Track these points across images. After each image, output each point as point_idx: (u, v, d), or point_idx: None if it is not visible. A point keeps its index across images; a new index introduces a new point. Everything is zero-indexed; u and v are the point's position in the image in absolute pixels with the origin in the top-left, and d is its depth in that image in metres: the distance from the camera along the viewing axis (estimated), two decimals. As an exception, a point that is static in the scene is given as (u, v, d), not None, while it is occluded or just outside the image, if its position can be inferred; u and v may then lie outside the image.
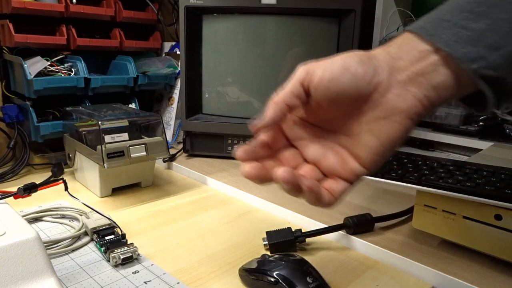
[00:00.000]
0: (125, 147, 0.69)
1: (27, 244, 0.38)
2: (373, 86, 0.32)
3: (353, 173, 0.35)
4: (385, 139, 0.33)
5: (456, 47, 0.30)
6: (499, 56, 0.29)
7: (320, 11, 0.84)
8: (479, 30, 0.29)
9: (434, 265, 0.50)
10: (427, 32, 0.31)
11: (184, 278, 0.48)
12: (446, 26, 0.31)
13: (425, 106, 0.32)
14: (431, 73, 0.31)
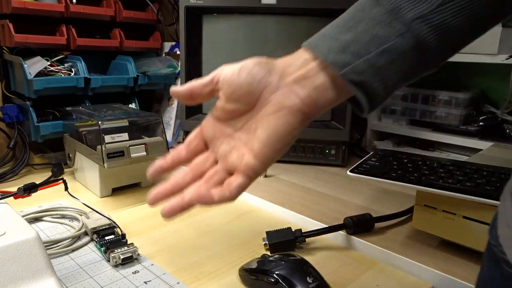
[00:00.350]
0: (125, 147, 0.69)
1: (27, 244, 0.38)
2: (263, 84, 0.38)
3: (248, 166, 0.39)
4: (272, 132, 0.38)
5: (329, 55, 0.36)
6: (362, 63, 0.34)
7: (320, 11, 0.84)
8: (346, 41, 0.35)
9: (434, 265, 0.50)
10: (311, 45, 0.38)
11: (184, 278, 0.48)
12: (324, 39, 0.37)
13: (307, 104, 0.37)
14: (312, 76, 0.37)
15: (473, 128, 0.93)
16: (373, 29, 0.34)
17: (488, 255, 0.32)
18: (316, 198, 0.72)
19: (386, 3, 0.34)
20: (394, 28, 0.34)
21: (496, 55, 0.82)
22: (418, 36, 0.33)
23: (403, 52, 0.34)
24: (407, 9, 0.33)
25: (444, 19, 0.33)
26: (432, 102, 0.98)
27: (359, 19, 0.35)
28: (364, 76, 0.35)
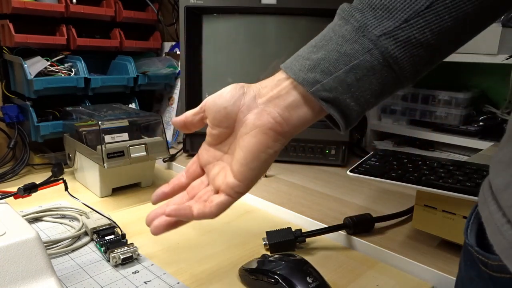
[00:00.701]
0: (125, 147, 0.69)
1: (27, 244, 0.38)
2: (237, 106, 0.40)
3: (228, 185, 0.40)
4: (247, 151, 0.39)
5: (299, 73, 0.37)
6: (331, 80, 0.35)
7: (320, 11, 0.84)
8: (316, 59, 0.36)
9: (434, 265, 0.50)
10: (286, 66, 0.39)
11: (184, 278, 0.48)
12: (298, 59, 0.38)
13: (279, 122, 0.38)
14: (284, 95, 0.38)
15: (473, 128, 0.93)
16: (342, 47, 0.35)
17: (465, 255, 0.32)
18: (316, 198, 0.72)
19: (354, 21, 0.35)
20: (361, 45, 0.34)
21: (496, 55, 0.82)
22: (385, 52, 0.34)
23: (372, 68, 0.35)
24: (373, 26, 0.34)
25: (411, 35, 0.33)
26: (432, 102, 0.98)
27: (329, 38, 0.36)
28: (335, 93, 0.35)
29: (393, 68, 0.35)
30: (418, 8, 0.33)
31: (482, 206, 0.29)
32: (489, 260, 0.27)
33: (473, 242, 0.30)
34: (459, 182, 0.50)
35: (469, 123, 0.95)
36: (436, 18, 0.33)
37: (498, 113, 0.97)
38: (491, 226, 0.26)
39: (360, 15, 0.35)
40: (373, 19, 0.34)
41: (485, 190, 0.29)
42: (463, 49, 0.38)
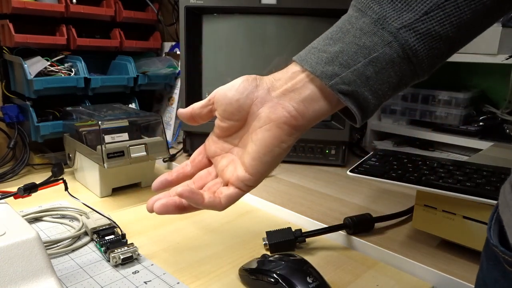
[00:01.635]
0: (125, 147, 0.69)
1: (27, 244, 0.38)
2: (251, 99, 0.39)
3: (238, 178, 0.40)
4: (261, 145, 0.38)
5: (317, 67, 0.36)
6: (350, 73, 0.35)
7: (320, 11, 0.84)
8: (334, 52, 0.35)
9: (434, 265, 0.50)
10: (300, 58, 0.38)
11: (184, 278, 0.48)
12: (313, 52, 0.37)
13: (294, 116, 0.37)
14: (300, 88, 0.37)
15: (473, 128, 0.93)
16: (360, 40, 0.35)
17: (487, 255, 0.32)
18: (316, 198, 0.72)
19: (372, 13, 0.34)
20: (381, 37, 0.34)
21: (496, 55, 0.82)
22: (405, 45, 0.33)
23: (391, 61, 0.34)
24: (393, 19, 0.33)
25: (431, 27, 0.33)
26: (432, 102, 0.98)
27: (346, 30, 0.36)
28: (353, 86, 0.35)
29: (412, 61, 0.34)
30: (438, 0, 0.32)
31: (504, 209, 0.28)
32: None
33: (497, 242, 0.29)
34: (459, 182, 0.50)
35: (469, 123, 0.95)
36: (456, 10, 0.32)
37: (498, 113, 0.97)
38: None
39: (378, 7, 0.34)
40: (392, 11, 0.33)
41: (506, 193, 0.29)
42: (463, 49, 0.38)
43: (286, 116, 0.38)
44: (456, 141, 0.92)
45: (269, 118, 0.38)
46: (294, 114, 0.38)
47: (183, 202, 0.39)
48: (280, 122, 0.38)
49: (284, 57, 0.89)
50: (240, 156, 0.41)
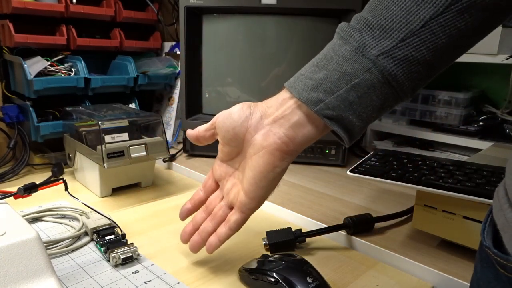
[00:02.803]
0: (125, 147, 0.69)
1: (27, 244, 0.38)
2: (245, 127, 0.42)
3: (241, 203, 0.44)
4: (256, 171, 0.42)
5: (303, 93, 0.38)
6: (333, 99, 0.37)
7: (320, 11, 0.84)
8: (319, 79, 0.38)
9: (434, 265, 0.50)
10: (289, 85, 0.40)
11: (184, 278, 0.48)
12: (301, 79, 0.40)
13: (285, 142, 0.40)
14: (288, 115, 0.40)
15: (473, 128, 0.93)
16: (342, 67, 0.37)
17: (481, 256, 0.32)
18: (316, 198, 0.72)
19: (353, 41, 0.36)
20: (361, 64, 0.36)
21: (496, 55, 0.82)
22: (384, 71, 0.35)
23: (372, 86, 0.36)
24: (372, 46, 0.35)
25: (408, 53, 0.35)
26: (432, 102, 0.98)
27: (330, 57, 0.38)
28: (338, 111, 0.37)
29: (392, 85, 0.36)
30: (414, 27, 0.34)
31: (498, 213, 0.29)
32: (508, 263, 0.27)
33: (490, 244, 0.30)
34: (459, 182, 0.50)
35: (469, 123, 0.95)
36: (431, 36, 0.34)
37: (498, 113, 0.97)
38: (508, 234, 0.26)
39: (358, 35, 0.36)
40: (371, 39, 0.36)
41: (500, 196, 0.29)
42: None
43: (277, 143, 0.40)
44: (456, 141, 0.92)
45: (261, 145, 0.41)
46: (284, 140, 0.40)
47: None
48: (272, 148, 0.41)
49: (283, 66, 0.89)
50: (240, 180, 0.45)
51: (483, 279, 0.32)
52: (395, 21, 0.35)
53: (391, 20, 0.35)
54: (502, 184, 0.30)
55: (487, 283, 0.31)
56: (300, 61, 0.42)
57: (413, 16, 0.34)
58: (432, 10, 0.33)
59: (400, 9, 0.35)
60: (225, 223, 0.46)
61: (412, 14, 0.34)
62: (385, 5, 0.36)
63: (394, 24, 0.35)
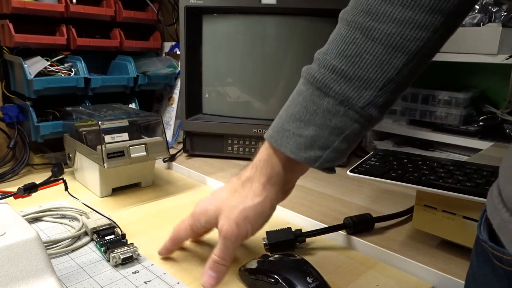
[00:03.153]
0: (125, 147, 0.69)
1: (27, 244, 0.38)
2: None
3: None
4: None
5: (299, 153, 0.40)
6: (329, 152, 0.40)
7: (320, 11, 0.84)
8: (310, 137, 0.40)
9: (434, 265, 0.50)
10: (276, 143, 0.42)
11: (184, 278, 0.48)
12: (287, 135, 0.41)
13: (282, 194, 0.48)
14: (277, 174, 0.45)
15: (473, 128, 0.93)
16: (331, 121, 0.39)
17: (477, 251, 0.33)
18: (316, 198, 0.72)
19: (335, 94, 0.38)
20: (348, 117, 0.39)
21: (496, 55, 0.82)
22: (369, 118, 0.39)
23: (360, 132, 0.40)
24: (355, 98, 0.38)
25: (386, 98, 0.38)
26: (432, 102, 0.98)
27: (313, 111, 0.39)
28: (334, 161, 0.41)
29: (373, 124, 0.40)
30: (390, 76, 0.37)
31: (493, 212, 0.29)
32: (504, 255, 0.27)
33: (486, 238, 0.30)
34: (459, 182, 0.50)
35: (469, 123, 0.95)
36: (403, 79, 0.38)
37: (498, 113, 0.97)
38: (507, 235, 0.27)
39: (338, 87, 0.38)
40: (352, 91, 0.38)
41: (494, 196, 0.29)
42: (463, 49, 0.39)
43: (278, 200, 0.48)
44: (456, 141, 0.92)
45: (267, 214, 0.48)
46: (281, 195, 0.48)
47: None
48: (274, 206, 0.47)
49: (284, 67, 0.89)
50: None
51: (479, 273, 0.32)
52: (371, 71, 0.37)
53: (367, 71, 0.37)
54: (495, 184, 0.30)
55: (483, 277, 0.31)
56: (300, 61, 0.42)
57: (387, 65, 0.37)
58: (404, 58, 0.36)
59: (373, 57, 0.37)
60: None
61: (386, 63, 0.37)
62: (355, 51, 0.37)
63: (371, 75, 0.37)
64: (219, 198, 0.47)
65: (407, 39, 0.35)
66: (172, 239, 0.51)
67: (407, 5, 0.35)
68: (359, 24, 0.37)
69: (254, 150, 0.93)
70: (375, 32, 0.36)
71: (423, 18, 0.35)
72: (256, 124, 0.90)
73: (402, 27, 0.35)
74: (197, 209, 0.49)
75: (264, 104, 0.92)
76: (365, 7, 0.37)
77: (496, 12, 0.86)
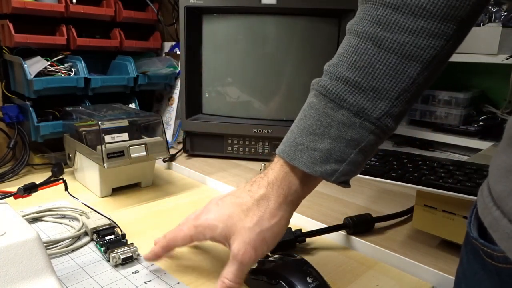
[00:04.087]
0: (125, 147, 0.69)
1: (27, 244, 0.38)
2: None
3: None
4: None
5: (315, 168, 0.39)
6: (346, 165, 0.39)
7: (320, 11, 0.84)
8: (326, 150, 0.39)
9: (434, 265, 0.50)
10: (289, 157, 0.40)
11: (184, 278, 0.48)
12: (301, 149, 0.40)
13: (294, 209, 0.46)
14: (296, 193, 0.44)
15: (473, 128, 0.93)
16: (346, 134, 0.38)
17: (467, 248, 0.33)
18: (316, 198, 0.72)
19: (349, 106, 0.37)
20: (364, 128, 0.38)
21: (496, 55, 0.82)
22: (385, 128, 0.38)
23: (376, 143, 0.39)
24: (370, 109, 0.37)
25: (401, 108, 0.38)
26: (432, 102, 0.98)
27: (328, 124, 0.38)
28: (350, 174, 0.40)
29: (388, 134, 0.39)
30: (405, 85, 0.37)
31: (484, 211, 0.29)
32: (495, 252, 0.28)
33: (476, 235, 0.30)
34: (459, 182, 0.50)
35: (469, 123, 0.95)
36: (418, 89, 0.37)
37: (498, 113, 0.97)
38: (498, 232, 0.27)
39: (352, 99, 0.37)
40: (367, 102, 0.37)
41: (484, 195, 0.30)
42: (463, 49, 0.39)
43: (290, 218, 0.46)
44: (456, 141, 0.92)
45: (278, 233, 0.45)
46: (292, 212, 0.46)
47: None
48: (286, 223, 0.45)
49: (285, 67, 0.89)
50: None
51: (469, 270, 0.32)
52: (385, 81, 0.36)
53: (381, 81, 0.36)
54: (485, 183, 0.30)
55: (473, 274, 0.31)
56: (300, 61, 0.42)
57: (402, 74, 0.36)
58: (418, 67, 0.36)
59: (386, 67, 0.36)
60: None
61: (400, 72, 0.36)
62: (368, 62, 0.37)
63: (386, 85, 0.36)
64: (229, 216, 0.43)
65: (421, 48, 0.35)
66: (166, 247, 0.47)
67: (419, 15, 0.34)
68: (370, 34, 0.36)
69: (254, 150, 0.93)
70: (388, 42, 0.36)
71: (436, 27, 0.34)
72: (256, 124, 0.90)
73: (415, 36, 0.35)
74: (202, 222, 0.44)
75: (264, 104, 0.92)
76: (375, 18, 0.36)
77: (496, 12, 0.86)
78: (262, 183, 0.43)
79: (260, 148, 0.92)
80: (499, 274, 0.28)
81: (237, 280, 0.42)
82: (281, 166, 0.42)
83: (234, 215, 0.43)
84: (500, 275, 0.28)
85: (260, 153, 0.93)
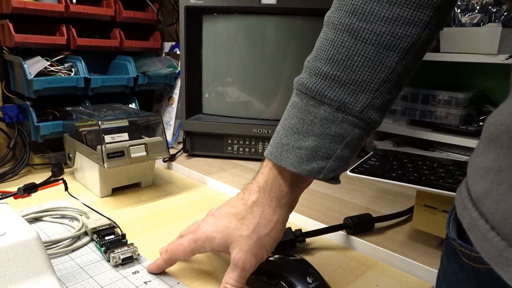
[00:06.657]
0: (125, 147, 0.69)
1: (27, 244, 0.38)
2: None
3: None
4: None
5: (302, 166, 0.38)
6: (332, 161, 0.38)
7: (320, 11, 0.84)
8: (311, 148, 0.38)
9: (434, 265, 0.50)
10: (276, 159, 0.40)
11: (184, 278, 0.48)
12: (286, 149, 0.39)
13: (290, 210, 0.44)
14: (286, 195, 0.42)
15: (473, 128, 0.93)
16: (330, 129, 0.37)
17: (447, 249, 0.33)
18: (316, 198, 0.72)
19: (330, 101, 0.37)
20: (348, 122, 0.37)
21: (496, 55, 0.82)
22: (369, 121, 0.38)
23: (361, 136, 0.38)
24: (352, 103, 0.37)
25: (383, 99, 0.37)
26: (432, 102, 0.98)
27: (310, 121, 0.38)
28: (338, 170, 0.39)
29: (373, 128, 0.39)
30: (384, 76, 0.36)
31: (463, 212, 0.29)
32: (472, 253, 0.28)
33: (455, 235, 0.30)
34: (459, 182, 0.50)
35: (469, 123, 0.95)
36: (398, 78, 0.37)
37: (498, 113, 0.97)
38: (475, 233, 0.27)
39: (333, 93, 0.37)
40: (348, 95, 0.37)
41: (463, 196, 0.30)
42: (463, 49, 0.39)
43: (287, 219, 0.44)
44: (456, 141, 0.92)
45: (275, 239, 0.44)
46: (288, 214, 0.44)
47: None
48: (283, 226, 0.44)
49: (285, 66, 0.89)
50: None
51: (449, 270, 0.32)
52: (364, 73, 0.36)
53: (360, 73, 0.36)
54: (464, 184, 0.31)
55: (452, 274, 0.31)
56: (300, 61, 0.42)
57: (380, 65, 0.36)
58: (396, 56, 0.35)
59: (364, 58, 0.36)
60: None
61: (379, 63, 0.36)
62: (345, 54, 0.36)
63: (365, 77, 0.36)
64: (226, 226, 0.43)
65: (398, 37, 0.35)
66: (168, 260, 0.48)
67: (394, 3, 0.34)
68: (346, 25, 0.36)
69: (254, 150, 0.93)
70: (364, 33, 0.35)
71: (411, 14, 0.34)
72: (256, 124, 0.91)
73: (391, 25, 0.34)
74: (201, 236, 0.45)
75: (264, 104, 0.92)
76: (350, 8, 0.36)
77: (496, 12, 0.86)
78: (253, 189, 0.43)
79: (260, 148, 0.92)
80: (477, 274, 0.28)
81: (239, 285, 0.42)
82: (269, 170, 0.42)
83: (230, 225, 0.43)
84: (477, 275, 0.28)
85: (260, 153, 0.93)
